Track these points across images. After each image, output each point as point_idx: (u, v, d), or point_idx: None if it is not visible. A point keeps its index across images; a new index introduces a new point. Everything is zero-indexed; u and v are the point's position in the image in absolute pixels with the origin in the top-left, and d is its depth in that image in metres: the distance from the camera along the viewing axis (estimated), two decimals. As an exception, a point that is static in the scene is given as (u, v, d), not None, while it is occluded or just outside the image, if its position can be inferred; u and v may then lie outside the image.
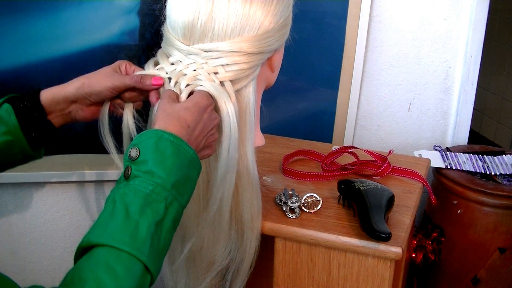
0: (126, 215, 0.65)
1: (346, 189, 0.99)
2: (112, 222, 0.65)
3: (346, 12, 1.35)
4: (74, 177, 1.36)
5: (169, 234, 0.69)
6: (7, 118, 0.82)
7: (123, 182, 0.70)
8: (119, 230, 0.64)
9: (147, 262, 0.64)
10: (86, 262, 0.62)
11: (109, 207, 0.67)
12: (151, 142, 0.71)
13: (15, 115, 0.82)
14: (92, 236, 0.64)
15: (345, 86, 1.41)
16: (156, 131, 0.72)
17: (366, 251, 0.90)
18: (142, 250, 0.64)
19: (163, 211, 0.68)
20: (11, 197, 1.38)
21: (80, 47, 1.23)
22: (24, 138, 0.83)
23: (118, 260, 0.62)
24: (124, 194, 0.67)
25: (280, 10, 0.88)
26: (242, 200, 0.91)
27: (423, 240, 1.42)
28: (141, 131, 0.74)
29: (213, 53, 0.84)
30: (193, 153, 0.74)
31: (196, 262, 0.95)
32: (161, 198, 0.68)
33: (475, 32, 1.45)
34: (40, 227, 1.43)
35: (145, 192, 0.67)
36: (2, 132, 0.82)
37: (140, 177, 0.69)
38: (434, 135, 1.56)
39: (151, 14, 1.23)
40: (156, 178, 0.69)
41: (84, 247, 0.64)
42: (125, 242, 0.63)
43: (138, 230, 0.65)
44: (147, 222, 0.66)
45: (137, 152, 0.70)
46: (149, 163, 0.69)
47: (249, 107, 0.89)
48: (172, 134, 0.72)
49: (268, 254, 0.99)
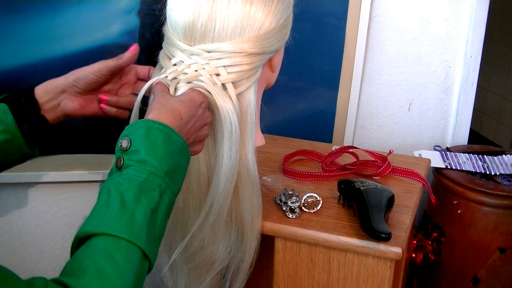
0: (122, 204, 0.66)
1: (346, 189, 0.99)
2: (109, 211, 0.65)
3: (346, 12, 1.35)
4: (74, 177, 1.36)
5: (163, 221, 0.70)
6: (4, 117, 0.83)
7: (116, 173, 0.70)
8: (116, 219, 0.65)
9: (145, 249, 0.65)
10: (85, 252, 0.63)
11: (103, 197, 0.68)
12: (142, 131, 0.72)
13: (12, 114, 0.83)
14: (89, 226, 0.65)
15: (345, 86, 1.41)
16: (146, 121, 0.73)
17: (366, 251, 0.90)
18: (140, 237, 0.65)
19: (157, 198, 0.68)
20: (11, 197, 1.38)
21: (80, 47, 1.23)
22: (21, 135, 0.84)
23: (117, 248, 0.63)
24: (119, 183, 0.68)
25: (280, 10, 0.88)
26: (242, 200, 0.91)
27: (423, 240, 1.42)
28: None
29: (214, 53, 0.84)
30: (183, 141, 0.74)
31: (196, 262, 0.95)
32: (155, 185, 0.69)
33: (475, 32, 1.45)
34: (40, 227, 1.43)
35: (139, 181, 0.68)
36: (0, 131, 0.83)
37: (133, 166, 0.69)
38: (434, 135, 1.56)
39: (151, 14, 1.23)
40: (149, 166, 0.69)
41: (81, 238, 0.65)
42: (123, 229, 0.64)
43: (135, 218, 0.65)
44: (143, 209, 0.66)
45: (128, 142, 0.71)
46: (141, 152, 0.70)
47: (250, 107, 0.89)
48: (162, 123, 0.73)
49: (268, 254, 0.99)
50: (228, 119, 0.83)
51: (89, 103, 0.91)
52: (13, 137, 0.84)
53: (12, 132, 0.83)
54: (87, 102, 0.91)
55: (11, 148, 0.85)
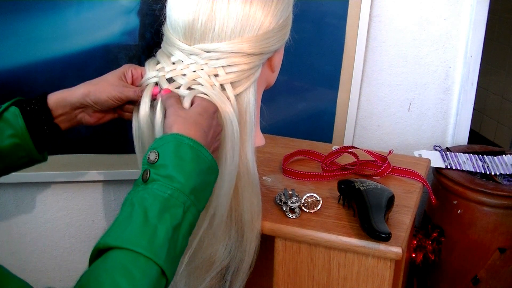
0: (145, 219, 0.65)
1: (346, 189, 0.99)
2: (130, 225, 0.65)
3: (346, 12, 1.35)
4: (74, 177, 1.36)
5: (185, 238, 0.70)
6: (14, 121, 0.82)
7: (141, 185, 0.70)
8: (137, 234, 0.64)
9: (164, 266, 0.64)
10: (103, 264, 0.63)
11: (127, 210, 0.67)
12: (171, 146, 0.71)
13: (23, 118, 0.82)
14: (109, 238, 0.65)
15: (345, 86, 1.41)
16: (175, 136, 0.72)
17: (366, 251, 0.90)
18: (159, 254, 0.64)
19: (181, 216, 0.68)
20: (11, 197, 1.38)
21: (80, 47, 1.23)
22: (31, 141, 0.84)
23: (135, 264, 0.62)
24: (143, 198, 0.68)
25: (280, 10, 0.88)
26: (242, 200, 0.91)
27: (423, 240, 1.42)
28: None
29: (213, 53, 0.84)
30: (211, 159, 0.74)
31: (196, 262, 0.95)
32: (180, 203, 0.69)
33: (475, 32, 1.45)
34: (40, 227, 1.43)
35: (164, 197, 0.68)
36: (9, 135, 0.82)
37: (159, 181, 0.69)
38: (434, 135, 1.56)
39: (151, 14, 1.23)
40: (175, 183, 0.69)
41: (100, 249, 0.64)
42: (143, 245, 0.63)
43: (156, 235, 0.65)
44: (165, 226, 0.66)
45: (156, 156, 0.70)
46: (169, 167, 0.70)
47: (249, 108, 0.89)
48: (192, 139, 0.73)
49: (268, 254, 0.99)
50: (228, 120, 0.83)
51: (105, 115, 0.91)
52: (22, 142, 0.83)
53: (22, 137, 0.83)
54: (104, 114, 0.91)
55: (20, 152, 0.84)
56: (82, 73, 1.24)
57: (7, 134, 0.82)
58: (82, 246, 1.47)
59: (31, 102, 0.85)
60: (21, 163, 0.86)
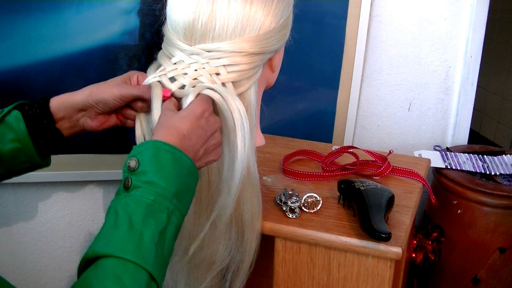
0: (130, 226, 0.66)
1: (346, 189, 0.99)
2: (117, 232, 0.65)
3: (346, 12, 1.35)
4: (74, 177, 1.36)
5: (171, 242, 0.70)
6: (16, 125, 0.81)
7: (123, 193, 0.70)
8: (124, 241, 0.65)
9: (153, 271, 0.65)
10: (94, 273, 0.63)
11: (111, 218, 0.68)
12: (149, 152, 0.71)
13: (24, 122, 0.81)
14: (97, 247, 0.65)
15: (345, 86, 1.41)
16: (153, 142, 0.73)
17: (366, 251, 0.90)
18: (147, 259, 0.65)
19: (165, 220, 0.68)
20: (11, 197, 1.38)
21: (80, 47, 1.23)
22: (32, 146, 0.83)
23: (125, 271, 0.63)
24: (126, 204, 0.68)
25: (280, 10, 0.88)
26: (243, 200, 0.91)
27: (423, 240, 1.42)
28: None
29: (214, 53, 0.84)
30: (190, 162, 0.74)
31: (196, 262, 0.95)
32: (163, 207, 0.69)
33: (475, 32, 1.45)
34: (40, 227, 1.43)
35: (147, 202, 0.68)
36: (10, 139, 0.81)
37: (141, 187, 0.69)
38: (434, 135, 1.56)
39: (151, 14, 1.23)
40: (157, 188, 0.69)
41: (89, 259, 0.65)
42: (131, 252, 0.64)
43: (143, 240, 0.65)
44: (150, 232, 0.66)
45: (136, 163, 0.71)
46: (149, 173, 0.70)
47: (250, 108, 0.89)
48: (169, 144, 0.73)
49: (268, 254, 0.99)
50: (237, 111, 0.82)
51: (108, 119, 0.90)
52: (24, 147, 0.82)
53: (23, 142, 0.82)
54: (107, 118, 0.90)
55: (22, 157, 0.83)
56: (82, 73, 1.24)
57: (9, 139, 0.81)
58: (82, 246, 1.47)
59: (33, 106, 0.84)
60: (23, 168, 0.86)
